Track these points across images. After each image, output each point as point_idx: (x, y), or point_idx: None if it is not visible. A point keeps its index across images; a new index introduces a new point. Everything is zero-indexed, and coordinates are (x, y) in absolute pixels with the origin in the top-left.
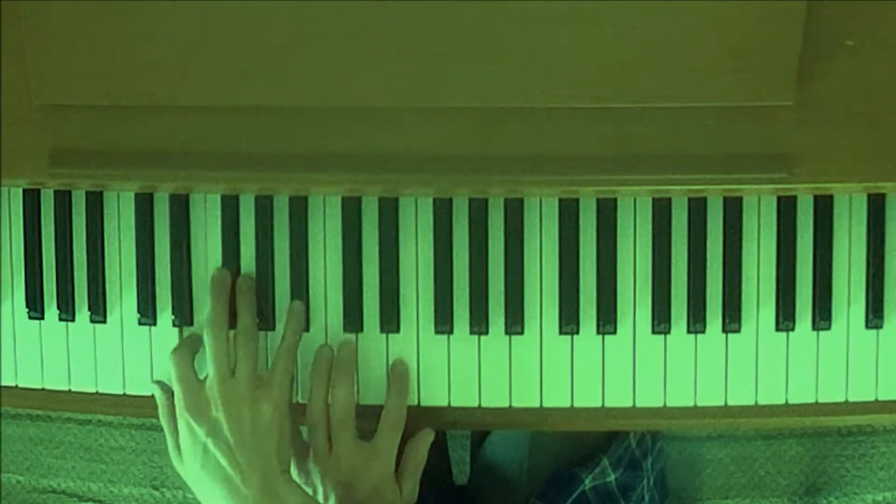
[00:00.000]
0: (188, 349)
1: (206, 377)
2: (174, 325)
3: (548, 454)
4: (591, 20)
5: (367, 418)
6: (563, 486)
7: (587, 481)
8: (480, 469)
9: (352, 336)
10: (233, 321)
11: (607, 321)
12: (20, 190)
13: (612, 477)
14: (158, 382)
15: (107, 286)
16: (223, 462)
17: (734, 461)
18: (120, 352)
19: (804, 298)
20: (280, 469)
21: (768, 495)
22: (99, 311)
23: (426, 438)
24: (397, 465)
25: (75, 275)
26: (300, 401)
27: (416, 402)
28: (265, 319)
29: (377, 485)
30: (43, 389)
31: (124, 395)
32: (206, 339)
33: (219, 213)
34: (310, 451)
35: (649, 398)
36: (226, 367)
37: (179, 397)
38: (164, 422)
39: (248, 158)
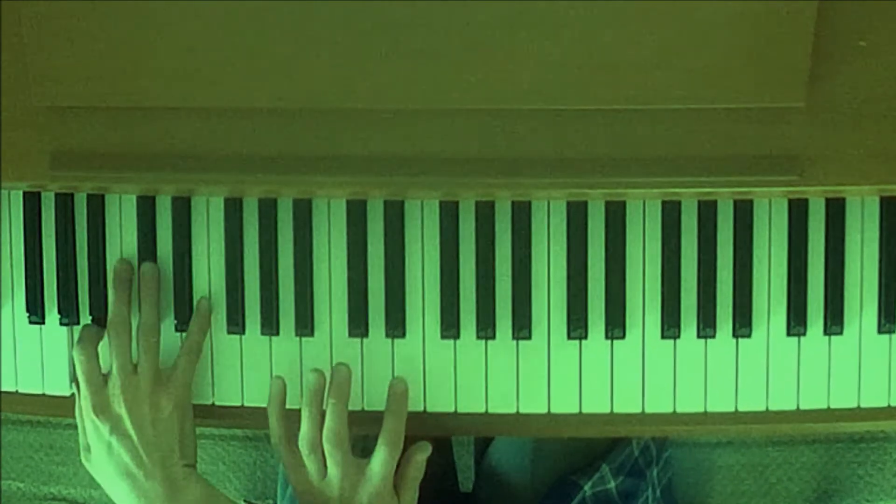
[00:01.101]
0: (91, 342)
1: (109, 373)
2: (176, 329)
3: (552, 461)
4: (600, 21)
5: (371, 424)
6: (564, 494)
7: (587, 488)
8: (485, 476)
9: (356, 342)
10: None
11: (616, 326)
12: (20, 193)
13: (613, 484)
14: (75, 381)
15: (108, 290)
16: (126, 458)
17: (745, 468)
18: None
19: (816, 303)
20: (182, 463)
21: (780, 502)
22: (100, 316)
23: (423, 451)
24: (397, 477)
25: (77, 279)
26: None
27: (422, 408)
28: (268, 324)
29: (374, 501)
30: (44, 395)
31: None
32: (109, 334)
33: (222, 216)
34: (305, 468)
35: (659, 404)
36: (128, 363)
37: (84, 394)
38: (77, 417)
39: (251, 161)
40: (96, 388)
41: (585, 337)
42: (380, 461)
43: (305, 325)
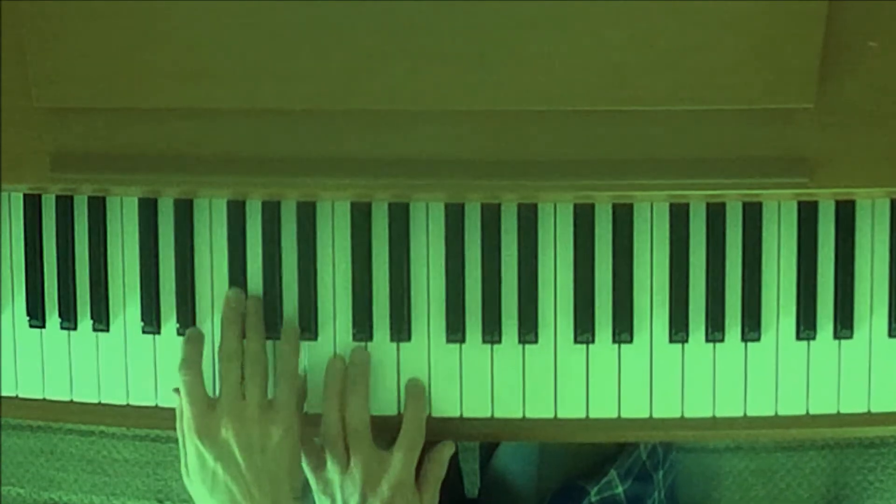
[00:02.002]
0: (196, 362)
1: (216, 398)
2: (178, 333)
3: (557, 466)
4: (608, 21)
5: (378, 429)
6: (569, 499)
7: (593, 494)
8: (490, 481)
9: (360, 346)
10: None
11: (623, 330)
12: (21, 195)
13: (621, 489)
14: (176, 391)
15: (109, 294)
16: (232, 487)
17: (753, 473)
18: (123, 361)
19: (825, 307)
20: (292, 495)
21: None
22: (101, 320)
23: (447, 450)
24: (417, 474)
25: (77, 282)
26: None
27: (427, 413)
28: (271, 328)
29: (396, 494)
30: (44, 400)
31: (127, 405)
32: (219, 364)
33: (224, 218)
34: (327, 462)
35: (666, 409)
36: (237, 389)
37: (188, 417)
38: (179, 434)
39: (254, 162)
40: (202, 411)
41: (592, 341)
42: (403, 451)
43: (309, 329)
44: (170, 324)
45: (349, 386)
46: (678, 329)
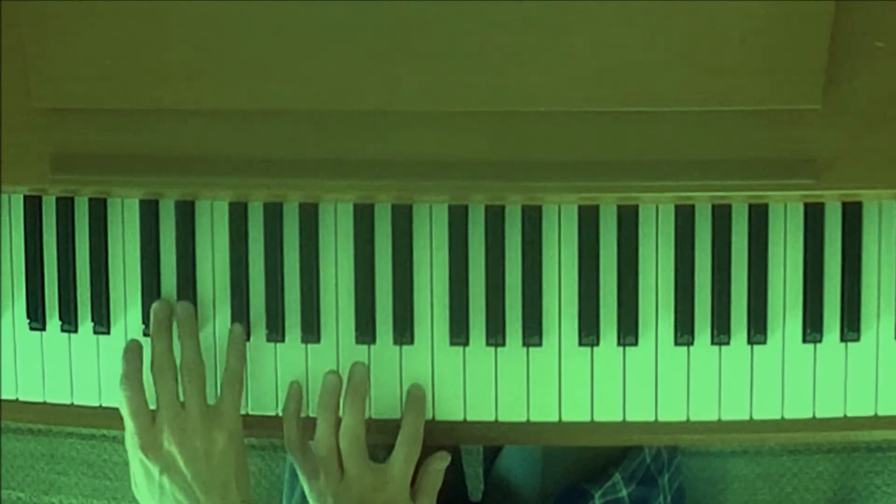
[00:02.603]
0: (136, 377)
1: (156, 411)
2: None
3: (561, 470)
4: (613, 21)
5: (379, 433)
6: (573, 503)
7: (597, 497)
8: (494, 485)
9: (363, 349)
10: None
11: (628, 333)
12: (21, 197)
13: (625, 492)
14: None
15: (110, 296)
16: (180, 496)
17: (760, 477)
18: None
19: (832, 309)
20: (240, 498)
21: None
22: (102, 322)
23: (442, 461)
24: (412, 484)
25: (78, 284)
26: (310, 415)
27: (430, 417)
28: (275, 331)
29: None
30: (44, 403)
31: None
32: (154, 376)
33: (226, 220)
34: (320, 474)
35: (672, 412)
36: (175, 400)
37: (131, 433)
38: (128, 449)
39: (256, 164)
40: (145, 426)
41: (597, 344)
42: (399, 462)
43: (312, 331)
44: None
45: (346, 401)
46: (683, 332)
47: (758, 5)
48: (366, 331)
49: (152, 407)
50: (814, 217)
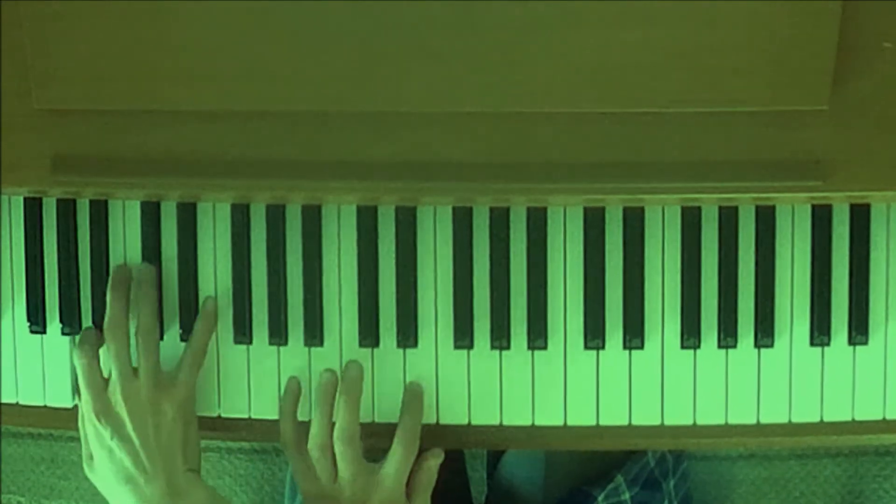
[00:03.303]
0: (91, 345)
1: (109, 377)
2: (181, 338)
3: (565, 473)
4: (618, 22)
5: (383, 437)
6: None
7: (600, 500)
8: (497, 488)
9: (367, 352)
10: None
11: (634, 336)
12: (21, 198)
13: (628, 495)
14: (76, 387)
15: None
16: (128, 462)
17: (767, 482)
18: None
19: (840, 312)
20: (185, 468)
21: None
22: (100, 321)
23: (436, 457)
24: (407, 484)
25: (79, 287)
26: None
27: (434, 421)
28: (276, 334)
29: None
30: (45, 407)
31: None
32: (106, 338)
33: (228, 222)
34: (314, 475)
35: (678, 416)
36: (127, 367)
37: (86, 399)
38: (80, 427)
39: (258, 165)
40: (97, 392)
41: (603, 347)
42: (395, 462)
43: (314, 334)
44: (173, 329)
45: (339, 401)
46: (690, 335)
47: (765, 5)
48: (369, 334)
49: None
50: (821, 219)
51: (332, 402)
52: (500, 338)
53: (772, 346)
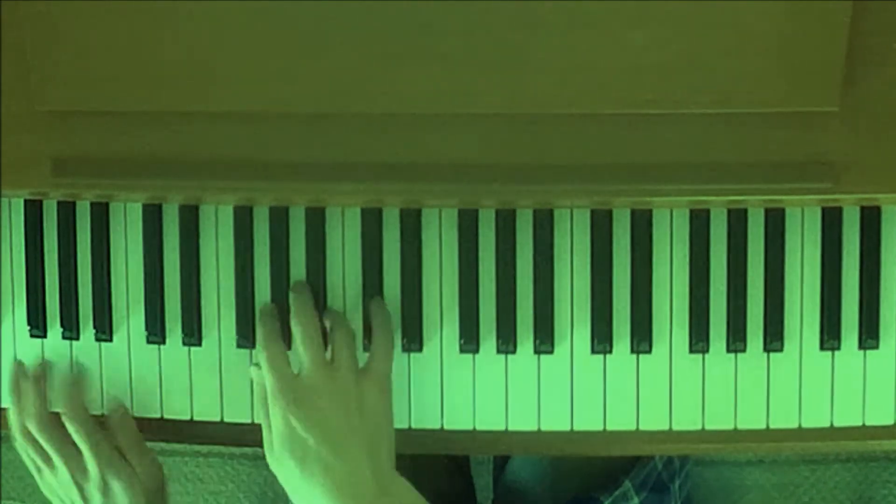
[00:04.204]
0: (276, 333)
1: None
2: (184, 343)
3: (571, 477)
4: (625, 22)
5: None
6: None
7: None
8: (503, 493)
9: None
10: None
11: (642, 340)
12: (21, 200)
13: (636, 500)
14: (255, 365)
15: (113, 303)
16: (327, 456)
17: (776, 487)
18: (127, 372)
19: (850, 316)
20: (390, 464)
21: None
22: (105, 329)
23: (120, 409)
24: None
25: (80, 291)
26: None
27: (439, 426)
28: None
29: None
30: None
31: (132, 418)
32: (296, 327)
33: (231, 225)
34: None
35: (687, 421)
36: (322, 353)
37: (275, 389)
38: (261, 411)
39: (261, 167)
40: (289, 382)
41: (610, 351)
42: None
43: None
44: (175, 333)
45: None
46: (698, 339)
47: (774, 5)
48: None
49: None
50: (831, 221)
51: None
52: (507, 342)
53: (781, 350)
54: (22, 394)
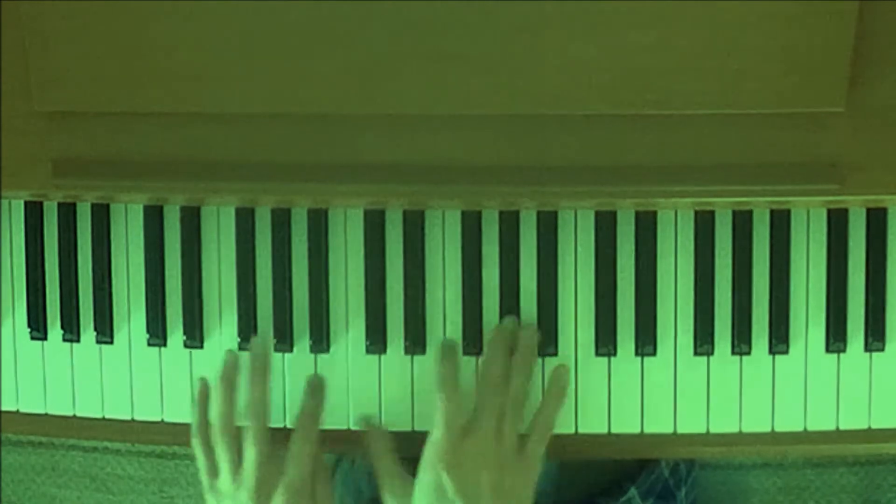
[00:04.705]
0: (456, 381)
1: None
2: (185, 345)
3: (577, 484)
4: (630, 22)
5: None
6: None
7: None
8: None
9: (374, 359)
10: None
11: (646, 342)
12: (22, 202)
13: None
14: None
15: (114, 305)
16: None
17: (782, 491)
18: (128, 374)
19: (856, 318)
20: None
21: None
22: (105, 331)
23: (318, 452)
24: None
25: (80, 292)
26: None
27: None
28: (283, 341)
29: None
30: (46, 415)
31: (132, 420)
32: (482, 389)
33: (233, 226)
34: (219, 468)
35: (691, 424)
36: (494, 425)
37: (439, 444)
38: (429, 463)
39: (264, 168)
40: (456, 441)
41: (614, 354)
42: (296, 448)
43: (321, 341)
44: (176, 336)
45: (250, 376)
46: (703, 341)
47: (780, 5)
48: (376, 340)
49: None
50: (837, 223)
51: (234, 382)
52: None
53: (786, 352)
54: (216, 399)
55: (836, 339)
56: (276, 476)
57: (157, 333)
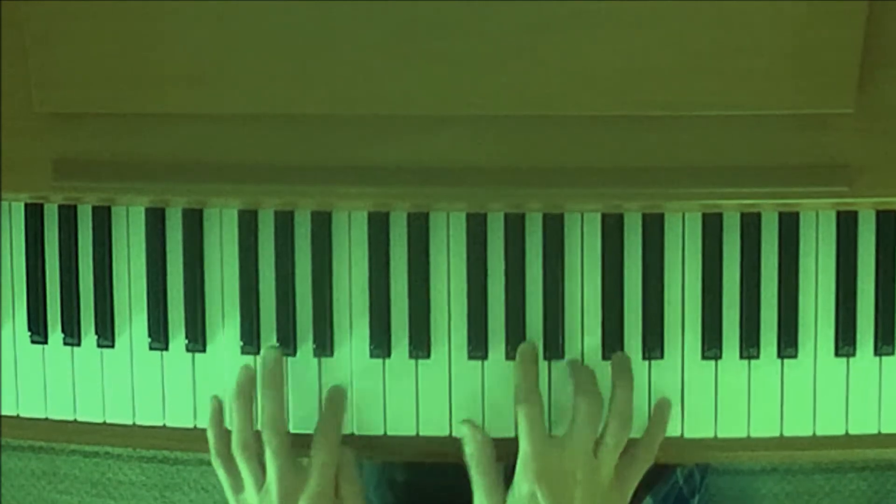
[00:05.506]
0: (534, 384)
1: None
2: (187, 349)
3: None
4: (637, 23)
5: (394, 450)
6: None
7: None
8: None
9: (378, 363)
10: None
11: (654, 346)
12: (22, 204)
13: None
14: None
15: (115, 308)
16: None
17: (790, 496)
18: (129, 378)
19: (865, 322)
20: None
21: None
22: (106, 335)
23: (348, 458)
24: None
25: (81, 296)
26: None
27: (447, 433)
28: (286, 345)
29: None
30: (46, 419)
31: (134, 425)
32: (580, 398)
33: (235, 229)
34: (244, 482)
35: (699, 428)
36: (592, 434)
37: (529, 455)
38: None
39: (266, 170)
40: (544, 450)
41: None
42: (319, 459)
43: (324, 345)
44: (178, 340)
45: (262, 392)
46: (711, 345)
47: (788, 6)
48: (380, 344)
49: None
50: (846, 226)
51: (251, 397)
52: (516, 348)
53: (795, 356)
54: (235, 416)
55: (845, 342)
56: (300, 485)
57: (158, 337)
